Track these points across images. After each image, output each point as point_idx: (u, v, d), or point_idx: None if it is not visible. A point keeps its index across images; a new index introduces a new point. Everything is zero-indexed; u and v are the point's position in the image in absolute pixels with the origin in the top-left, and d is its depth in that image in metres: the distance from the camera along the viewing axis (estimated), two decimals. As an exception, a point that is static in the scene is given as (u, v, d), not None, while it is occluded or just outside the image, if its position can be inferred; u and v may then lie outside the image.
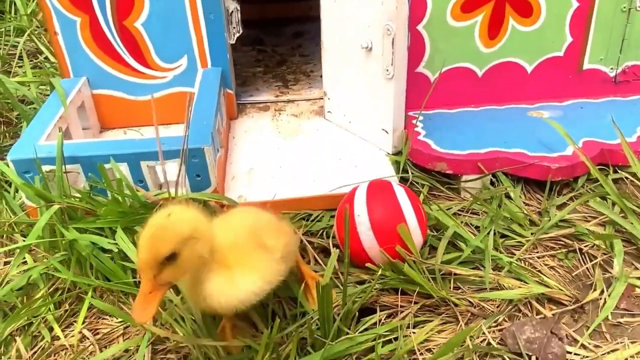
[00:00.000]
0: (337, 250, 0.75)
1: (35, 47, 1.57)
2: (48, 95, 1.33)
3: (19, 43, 1.50)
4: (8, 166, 0.85)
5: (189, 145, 0.85)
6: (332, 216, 0.93)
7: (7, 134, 1.20)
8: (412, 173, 0.97)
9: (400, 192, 0.79)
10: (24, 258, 0.82)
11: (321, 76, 1.31)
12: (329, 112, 1.14)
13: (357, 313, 0.73)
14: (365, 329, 0.73)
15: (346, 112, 1.09)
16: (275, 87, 1.31)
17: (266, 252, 0.63)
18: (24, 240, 0.84)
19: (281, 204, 0.91)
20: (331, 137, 1.10)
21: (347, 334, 0.70)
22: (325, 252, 0.86)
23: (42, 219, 0.77)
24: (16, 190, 0.99)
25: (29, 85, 1.30)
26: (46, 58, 1.51)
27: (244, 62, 1.43)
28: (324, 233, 0.90)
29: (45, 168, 0.84)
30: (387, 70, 0.93)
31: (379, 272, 0.73)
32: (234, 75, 1.16)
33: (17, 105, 1.10)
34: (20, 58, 1.47)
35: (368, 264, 0.77)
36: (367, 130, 1.06)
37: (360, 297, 0.73)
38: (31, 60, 1.50)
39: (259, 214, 0.70)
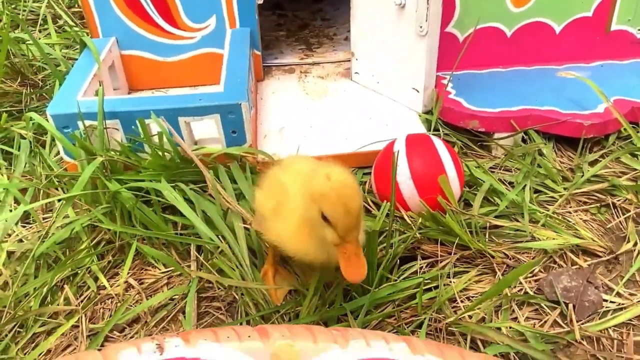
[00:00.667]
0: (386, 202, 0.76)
1: (53, 12, 1.56)
2: (72, 57, 1.33)
3: (36, 9, 1.50)
4: (47, 121, 0.86)
5: (225, 102, 0.86)
6: (365, 173, 0.94)
7: (34, 96, 1.21)
8: (443, 131, 0.98)
9: (439, 144, 0.80)
10: (66, 212, 0.84)
11: (345, 39, 1.32)
12: (356, 73, 1.14)
13: (398, 261, 0.74)
14: (406, 277, 0.74)
15: (375, 73, 1.09)
16: (299, 50, 1.30)
17: None
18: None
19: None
20: (359, 97, 1.10)
21: (389, 280, 0.72)
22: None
23: (87, 170, 0.78)
24: (50, 147, 1.00)
25: (54, 47, 1.29)
26: (65, 23, 1.50)
27: (265, 26, 1.43)
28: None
29: (85, 123, 0.85)
30: (421, 27, 0.93)
31: (419, 220, 0.74)
32: (260, 36, 1.15)
33: (51, 65, 1.10)
34: (41, 22, 1.47)
35: (409, 213, 0.78)
36: (396, 90, 1.06)
37: (402, 245, 0.74)
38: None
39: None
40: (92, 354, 0.45)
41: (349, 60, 1.23)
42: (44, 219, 0.90)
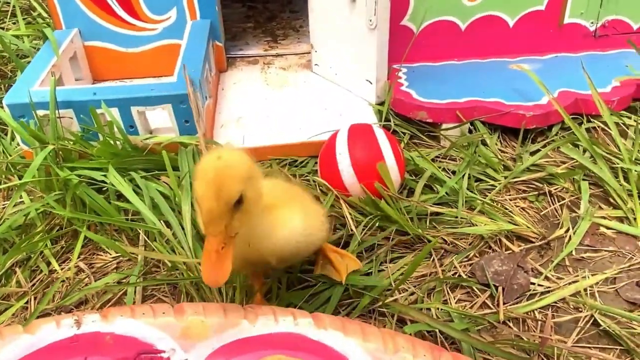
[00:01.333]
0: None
1: (27, 3, 1.58)
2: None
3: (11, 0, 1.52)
4: (4, 110, 0.88)
5: (176, 92, 0.88)
6: (317, 162, 0.97)
7: (1, 86, 1.23)
8: (394, 122, 1.01)
9: (380, 133, 0.83)
10: (21, 197, 0.86)
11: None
12: (316, 64, 1.17)
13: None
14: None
15: (332, 65, 1.12)
16: (264, 41, 1.33)
17: (316, 203, 0.65)
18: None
19: (268, 150, 0.95)
20: (318, 88, 1.13)
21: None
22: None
23: (37, 158, 0.81)
24: (12, 137, 1.03)
25: (22, 39, 1.32)
26: (39, 15, 1.52)
27: (234, 18, 1.45)
28: (308, 177, 0.94)
29: (40, 113, 0.87)
30: (370, 20, 0.96)
31: (370, 216, 0.77)
32: (222, 28, 1.18)
33: (13, 56, 1.12)
34: (14, 15, 1.49)
35: (350, 198, 0.81)
36: (352, 82, 1.09)
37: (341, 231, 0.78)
38: (24, 18, 1.52)
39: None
40: (15, 327, 0.48)
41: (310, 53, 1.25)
42: (2, 206, 0.92)
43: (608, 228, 0.84)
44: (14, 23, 1.50)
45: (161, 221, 0.79)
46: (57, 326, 0.48)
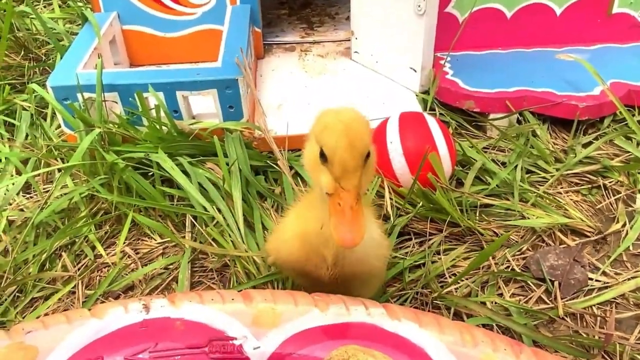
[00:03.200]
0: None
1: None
2: (75, 32, 1.34)
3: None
4: (47, 92, 0.87)
5: (222, 76, 0.87)
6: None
7: (37, 69, 1.22)
8: (439, 111, 0.99)
9: (432, 122, 0.81)
10: (65, 182, 0.85)
11: (346, 18, 1.32)
12: (355, 52, 1.15)
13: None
14: (397, 255, 0.76)
15: (374, 52, 1.10)
16: (300, 28, 1.31)
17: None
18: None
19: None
20: (358, 76, 1.11)
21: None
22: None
23: (84, 141, 0.80)
24: (52, 119, 1.02)
25: (57, 22, 1.30)
26: (71, -2, 1.51)
27: (268, 4, 1.43)
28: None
29: (83, 95, 0.86)
30: (419, 6, 0.93)
31: (419, 205, 0.75)
32: (260, 13, 1.16)
33: (53, 38, 1.11)
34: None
35: (401, 189, 0.79)
36: (394, 70, 1.07)
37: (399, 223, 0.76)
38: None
39: None
40: (81, 311, 0.47)
41: (350, 40, 1.23)
42: (44, 189, 0.92)
43: (666, 223, 0.81)
44: (45, 7, 1.49)
45: (213, 207, 0.78)
46: (125, 311, 0.47)
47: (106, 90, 0.86)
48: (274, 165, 0.87)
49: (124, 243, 0.81)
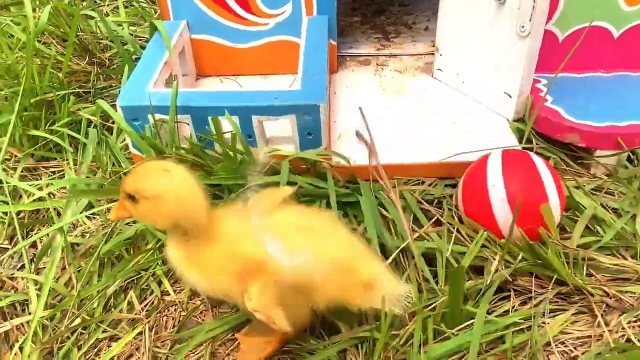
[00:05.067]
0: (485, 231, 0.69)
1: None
2: (140, 36, 1.29)
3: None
4: (116, 112, 0.82)
5: (303, 102, 0.79)
6: (447, 185, 0.86)
7: (100, 76, 1.18)
8: (536, 144, 0.89)
9: (541, 164, 0.71)
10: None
11: (425, 29, 1.23)
12: (439, 69, 1.05)
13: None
14: (495, 315, 0.67)
15: (461, 72, 1.00)
16: (375, 39, 1.22)
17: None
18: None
19: (392, 169, 0.85)
20: (442, 97, 1.01)
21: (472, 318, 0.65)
22: (439, 223, 0.80)
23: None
24: (118, 134, 0.97)
25: (122, 26, 1.26)
26: (138, 0, 1.47)
27: (339, 10, 1.34)
28: (436, 202, 0.83)
29: (154, 117, 0.80)
30: (523, 27, 0.83)
31: (520, 256, 0.66)
32: (336, 24, 1.08)
33: (120, 49, 1.06)
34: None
35: (502, 241, 0.70)
36: (484, 93, 0.97)
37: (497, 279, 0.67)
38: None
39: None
40: None
41: (430, 54, 1.14)
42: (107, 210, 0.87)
43: None
44: (109, 7, 1.45)
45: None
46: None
47: (179, 112, 0.80)
48: (358, 196, 0.79)
49: (193, 281, 0.75)
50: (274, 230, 0.57)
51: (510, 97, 0.91)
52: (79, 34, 1.21)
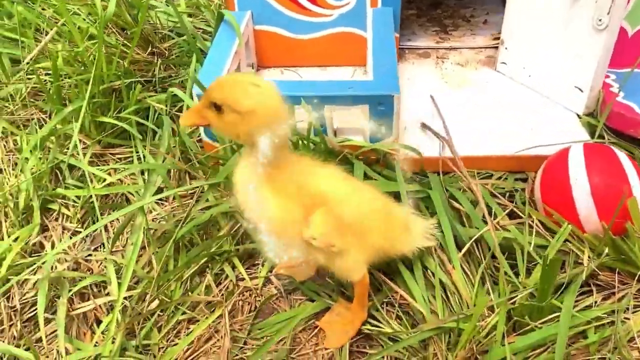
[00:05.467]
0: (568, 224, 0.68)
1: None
2: (198, 27, 1.31)
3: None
4: (192, 100, 0.83)
5: (376, 92, 0.79)
6: (517, 179, 0.86)
7: (161, 66, 1.19)
8: (608, 139, 0.88)
9: (624, 158, 0.70)
10: (208, 197, 0.81)
11: (484, 22, 1.22)
12: (502, 63, 1.04)
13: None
14: (578, 309, 0.67)
15: (527, 65, 0.99)
16: (433, 32, 1.21)
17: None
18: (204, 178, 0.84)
19: (463, 162, 0.85)
20: (506, 91, 1.01)
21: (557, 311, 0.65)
22: (512, 216, 0.79)
23: (231, 159, 0.75)
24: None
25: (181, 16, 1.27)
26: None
27: (395, 3, 1.34)
28: (507, 195, 0.83)
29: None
30: (600, 20, 0.82)
31: (605, 251, 0.66)
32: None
33: (189, 38, 1.08)
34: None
35: (585, 235, 0.69)
36: (553, 87, 0.96)
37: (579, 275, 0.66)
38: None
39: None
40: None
41: (491, 47, 1.13)
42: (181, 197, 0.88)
43: None
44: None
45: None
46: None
47: (253, 101, 0.80)
48: (427, 190, 0.79)
49: (268, 271, 0.76)
50: (328, 176, 0.60)
51: (582, 91, 0.90)
52: (139, 24, 1.22)
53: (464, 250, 0.72)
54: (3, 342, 0.71)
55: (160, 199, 0.88)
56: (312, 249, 0.59)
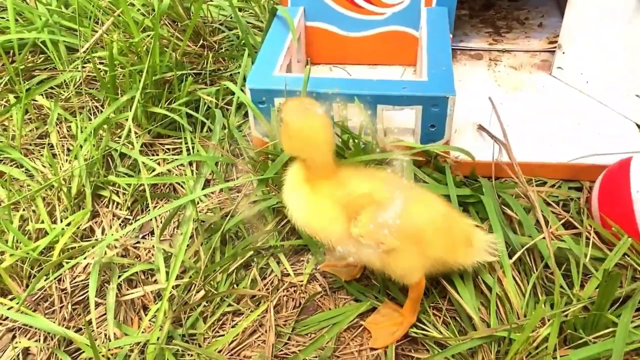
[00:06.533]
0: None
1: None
2: (249, 22, 1.32)
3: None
4: (244, 94, 0.83)
5: (431, 93, 0.78)
6: (571, 187, 0.83)
7: (211, 59, 1.20)
8: (669, 150, 0.84)
9: (691, 174, 0.67)
10: (257, 192, 0.82)
11: (539, 25, 1.19)
12: (559, 67, 1.01)
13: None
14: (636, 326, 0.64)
15: (585, 70, 0.96)
16: (485, 33, 1.19)
17: None
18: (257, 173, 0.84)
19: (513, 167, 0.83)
20: (562, 97, 0.98)
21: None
22: (566, 226, 0.77)
23: (282, 155, 0.75)
24: (234, 116, 0.99)
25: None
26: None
27: (446, 2, 1.32)
28: (562, 204, 0.81)
29: (280, 100, 0.81)
30: (669, 26, 0.79)
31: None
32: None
33: (243, 32, 1.08)
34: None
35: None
36: (611, 94, 0.92)
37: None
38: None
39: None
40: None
41: (547, 51, 1.10)
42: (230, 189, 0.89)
43: None
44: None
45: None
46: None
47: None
48: (479, 195, 0.77)
49: (314, 268, 0.76)
50: (383, 181, 0.61)
51: (643, 99, 0.87)
52: (190, 17, 1.24)
53: (515, 258, 0.70)
54: (54, 322, 0.73)
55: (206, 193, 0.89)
56: (364, 249, 0.59)
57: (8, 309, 0.73)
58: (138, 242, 0.84)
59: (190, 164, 0.93)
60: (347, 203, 0.58)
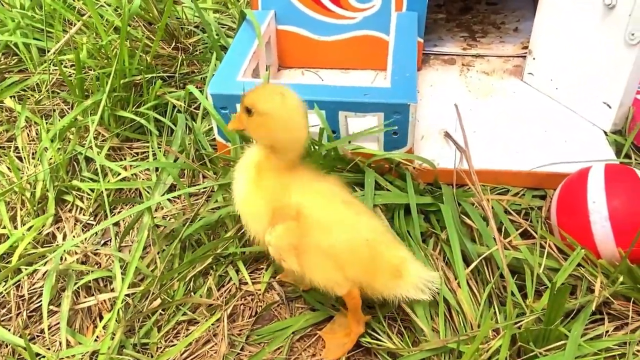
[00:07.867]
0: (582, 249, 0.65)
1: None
2: (223, 23, 1.31)
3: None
4: (206, 99, 0.82)
5: (393, 100, 0.78)
6: (535, 195, 0.83)
7: (184, 62, 1.20)
8: (635, 159, 0.84)
9: (648, 184, 0.67)
10: (217, 197, 0.81)
11: (515, 30, 1.18)
12: (529, 73, 1.01)
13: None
14: (587, 339, 0.64)
15: (555, 77, 0.95)
16: (460, 37, 1.18)
17: None
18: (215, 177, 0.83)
19: (478, 175, 0.82)
20: (532, 103, 0.97)
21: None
22: (525, 235, 0.76)
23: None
24: (201, 121, 0.99)
25: (207, 12, 1.27)
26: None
27: (423, 6, 1.31)
28: (523, 212, 0.80)
29: (242, 106, 0.81)
30: (633, 35, 0.78)
31: (620, 279, 0.62)
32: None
33: (210, 34, 1.08)
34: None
35: (600, 261, 0.66)
36: (579, 101, 0.92)
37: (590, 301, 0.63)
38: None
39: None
40: None
41: (520, 56, 1.09)
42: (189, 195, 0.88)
43: None
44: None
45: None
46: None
47: (266, 103, 0.80)
48: (439, 204, 0.77)
49: (271, 277, 0.76)
50: (321, 195, 0.61)
51: (610, 107, 0.86)
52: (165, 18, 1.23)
53: (470, 268, 0.70)
54: (9, 330, 0.72)
55: (173, 197, 0.89)
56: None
57: (-39, 316, 0.72)
58: (98, 249, 0.83)
59: (157, 169, 0.93)
60: (275, 208, 0.59)
